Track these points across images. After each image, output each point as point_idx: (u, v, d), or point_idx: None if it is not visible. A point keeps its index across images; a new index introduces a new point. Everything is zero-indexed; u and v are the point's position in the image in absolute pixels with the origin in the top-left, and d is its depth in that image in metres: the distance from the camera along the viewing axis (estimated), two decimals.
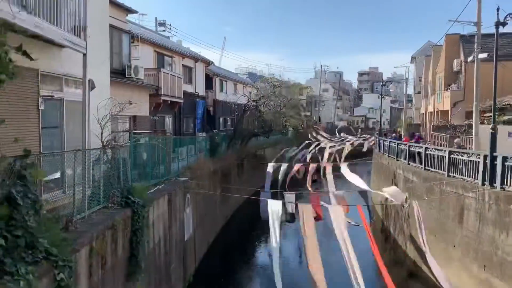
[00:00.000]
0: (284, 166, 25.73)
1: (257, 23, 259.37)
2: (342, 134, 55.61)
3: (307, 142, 38.19)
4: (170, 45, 25.37)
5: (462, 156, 13.26)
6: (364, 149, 38.71)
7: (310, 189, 22.61)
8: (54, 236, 5.71)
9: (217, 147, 22.86)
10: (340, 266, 10.94)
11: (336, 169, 23.59)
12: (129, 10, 17.52)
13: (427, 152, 16.15)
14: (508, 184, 10.58)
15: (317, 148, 35.83)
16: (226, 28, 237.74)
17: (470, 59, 21.98)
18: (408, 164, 18.34)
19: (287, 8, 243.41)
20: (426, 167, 16.03)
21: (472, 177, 12.40)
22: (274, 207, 12.54)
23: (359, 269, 10.20)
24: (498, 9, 12.21)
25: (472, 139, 18.79)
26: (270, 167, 23.40)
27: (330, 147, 34.66)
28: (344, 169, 21.57)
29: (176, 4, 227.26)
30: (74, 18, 8.73)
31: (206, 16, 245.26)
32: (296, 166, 25.52)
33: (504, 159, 10.77)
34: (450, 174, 13.79)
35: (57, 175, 7.61)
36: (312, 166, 24.92)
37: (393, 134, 33.77)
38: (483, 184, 11.54)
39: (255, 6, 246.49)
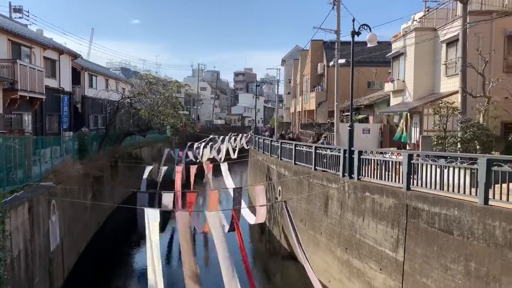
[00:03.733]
0: (164, 168, 25.01)
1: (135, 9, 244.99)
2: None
3: (190, 143, 37.19)
4: (28, 34, 22.57)
5: (326, 151, 14.66)
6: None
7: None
8: None
9: (87, 147, 21.20)
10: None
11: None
12: None
13: (297, 148, 17.43)
14: (363, 175, 12.07)
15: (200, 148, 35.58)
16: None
17: (331, 63, 24.42)
18: (281, 159, 19.56)
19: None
20: (296, 162, 17.30)
21: (334, 169, 13.81)
22: (151, 217, 11.12)
23: (235, 269, 10.44)
24: (353, 20, 13.79)
25: (334, 136, 20.91)
26: (147, 171, 22.29)
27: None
28: (224, 168, 21.92)
29: None
30: None
31: None
32: (179, 167, 25.03)
33: (360, 153, 12.25)
34: (316, 167, 15.12)
35: None
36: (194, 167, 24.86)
37: (290, 135, 31.85)
38: (343, 176, 12.94)
39: None
